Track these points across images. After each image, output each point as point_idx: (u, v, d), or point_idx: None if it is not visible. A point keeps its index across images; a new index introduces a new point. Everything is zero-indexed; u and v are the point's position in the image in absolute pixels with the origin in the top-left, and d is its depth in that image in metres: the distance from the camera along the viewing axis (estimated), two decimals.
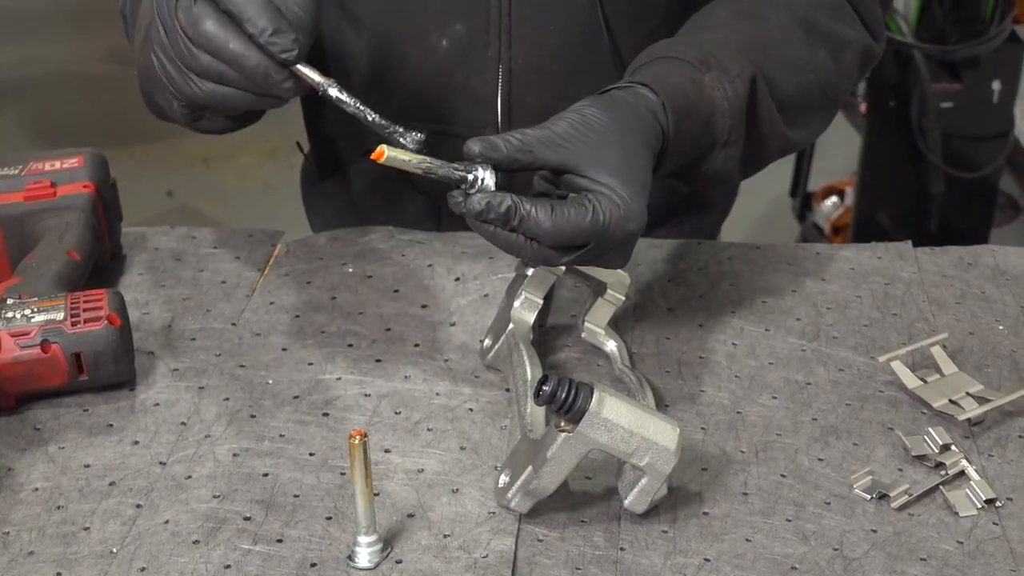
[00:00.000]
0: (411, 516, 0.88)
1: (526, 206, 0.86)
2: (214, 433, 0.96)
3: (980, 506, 0.89)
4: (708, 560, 0.85)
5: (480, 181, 0.87)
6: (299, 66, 0.90)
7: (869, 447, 0.95)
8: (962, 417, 0.97)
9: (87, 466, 0.93)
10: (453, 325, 1.09)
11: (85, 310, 0.98)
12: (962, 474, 0.92)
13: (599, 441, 0.83)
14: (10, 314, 0.98)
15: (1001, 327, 1.10)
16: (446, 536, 0.86)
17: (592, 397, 0.82)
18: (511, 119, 1.20)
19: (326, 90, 0.91)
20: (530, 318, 1.01)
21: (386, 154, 0.86)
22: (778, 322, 1.10)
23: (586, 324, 1.05)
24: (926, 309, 1.12)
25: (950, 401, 0.99)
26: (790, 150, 1.11)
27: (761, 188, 3.18)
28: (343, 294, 1.12)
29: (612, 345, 1.04)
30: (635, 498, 0.86)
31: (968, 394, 1.00)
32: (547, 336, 1.08)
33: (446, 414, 0.98)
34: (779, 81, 1.04)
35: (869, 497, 0.90)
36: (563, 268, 1.00)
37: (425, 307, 1.11)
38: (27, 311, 0.98)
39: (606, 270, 1.02)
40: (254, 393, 1.00)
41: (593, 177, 0.88)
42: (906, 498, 0.90)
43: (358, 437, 0.80)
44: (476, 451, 0.94)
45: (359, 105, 0.91)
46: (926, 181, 2.65)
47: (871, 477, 0.92)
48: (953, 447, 0.94)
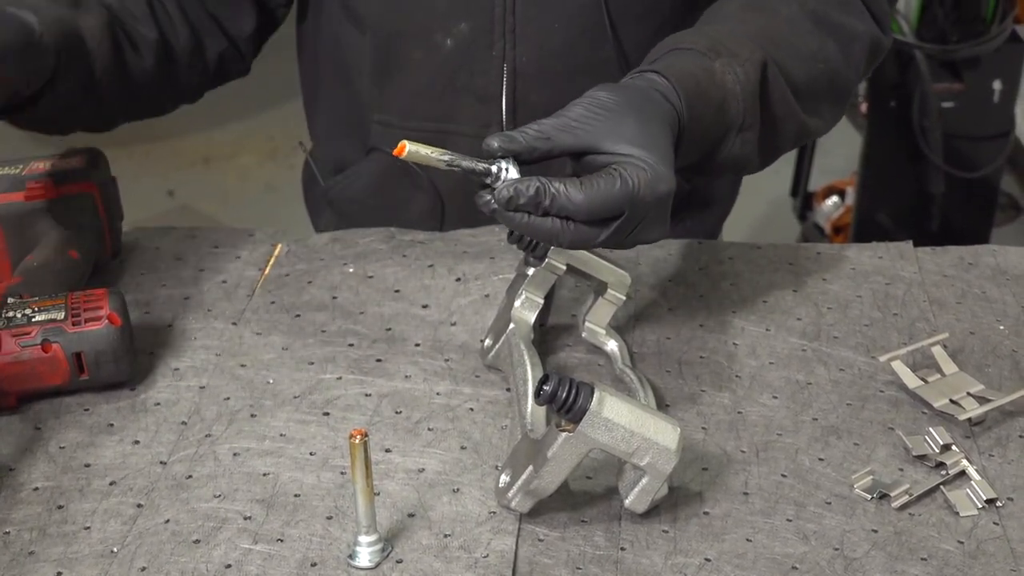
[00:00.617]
0: (412, 516, 0.88)
1: (555, 184, 0.85)
2: (215, 432, 0.96)
3: (981, 506, 0.89)
4: (709, 560, 0.85)
5: (504, 171, 0.87)
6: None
7: (870, 447, 0.95)
8: (963, 417, 0.97)
9: (88, 465, 0.93)
10: (454, 325, 1.09)
11: (86, 310, 0.98)
12: (963, 474, 0.92)
13: (600, 441, 0.83)
14: (11, 313, 0.98)
15: (1002, 327, 1.10)
16: (447, 536, 0.86)
17: (593, 397, 0.82)
18: (516, 118, 1.20)
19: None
20: (531, 318, 1.01)
21: (407, 149, 0.85)
22: (779, 322, 1.10)
23: (587, 324, 1.05)
24: (927, 309, 1.12)
25: (951, 401, 0.99)
26: (807, 136, 1.11)
27: (762, 188, 3.19)
28: (344, 294, 1.12)
29: (613, 345, 1.04)
30: (636, 498, 0.86)
31: (969, 394, 1.00)
32: (548, 336, 1.08)
33: (447, 414, 0.98)
34: (789, 71, 1.04)
35: (870, 497, 0.90)
36: (565, 266, 0.99)
37: (426, 307, 1.11)
38: (28, 311, 0.98)
39: (606, 269, 1.02)
40: (255, 392, 1.00)
41: (613, 151, 0.88)
42: (907, 498, 0.90)
43: (359, 437, 0.80)
44: (477, 451, 0.94)
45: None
46: (927, 181, 2.65)
47: (872, 477, 0.92)
48: (954, 447, 0.94)
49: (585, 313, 1.06)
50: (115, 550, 0.85)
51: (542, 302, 1.01)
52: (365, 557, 0.84)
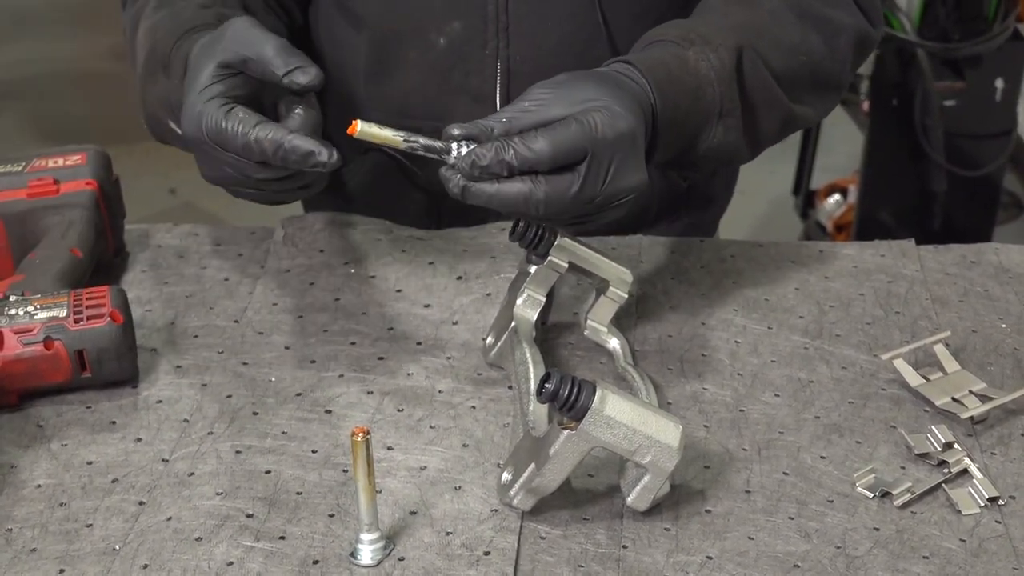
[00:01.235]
0: (413, 513, 0.88)
1: (513, 139, 0.88)
2: (217, 430, 0.96)
3: (983, 504, 0.89)
4: (710, 558, 0.85)
5: (463, 147, 0.89)
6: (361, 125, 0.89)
7: (872, 445, 0.95)
8: (965, 415, 0.97)
9: (90, 463, 0.93)
10: (455, 323, 1.09)
11: (88, 307, 0.98)
12: (965, 472, 0.92)
13: (601, 439, 0.83)
14: (13, 311, 0.98)
15: (1004, 325, 1.10)
16: (448, 533, 0.86)
17: (595, 395, 0.82)
18: None
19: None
20: (532, 316, 1.01)
21: (359, 128, 0.87)
22: (781, 320, 1.10)
23: (588, 322, 1.05)
24: (929, 307, 1.12)
25: (953, 399, 0.99)
26: (796, 125, 1.11)
27: (764, 186, 3.19)
28: (346, 295, 1.12)
29: (614, 343, 1.04)
30: (637, 496, 0.86)
31: (971, 392, 0.99)
32: (549, 334, 1.08)
33: (448, 411, 0.98)
34: (770, 61, 1.05)
35: (872, 495, 0.90)
36: (567, 264, 0.99)
37: (428, 306, 1.11)
38: (30, 308, 0.98)
39: (607, 266, 1.02)
40: (257, 390, 1.00)
41: (569, 113, 0.90)
42: (908, 496, 0.90)
43: (361, 434, 0.80)
44: (478, 448, 0.94)
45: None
46: (929, 179, 2.65)
47: (874, 475, 0.92)
48: (956, 445, 0.94)
49: (587, 311, 1.05)
50: (117, 548, 0.85)
51: (544, 300, 1.01)
52: (367, 555, 0.84)
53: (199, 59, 0.96)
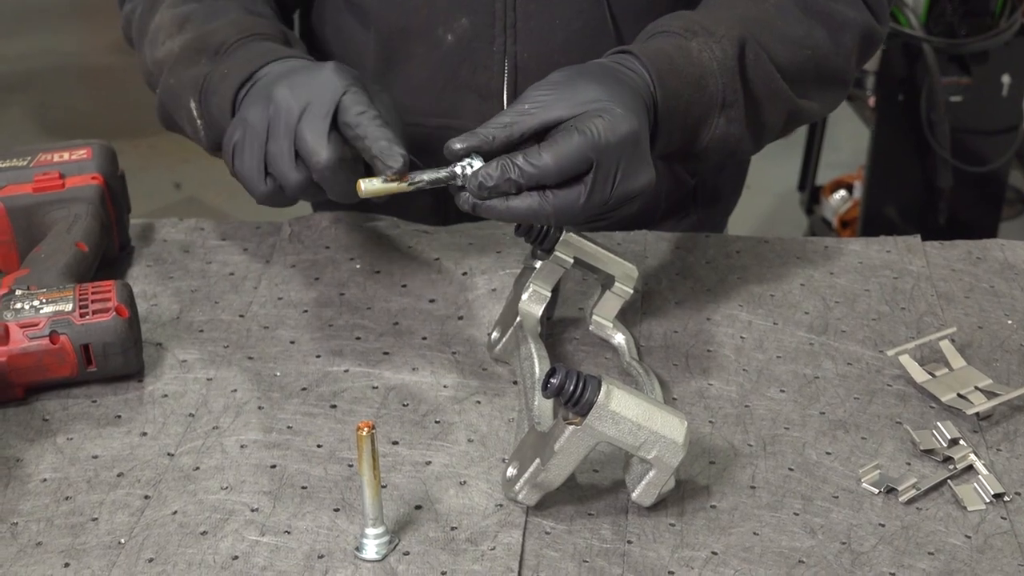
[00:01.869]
0: (418, 508, 0.88)
1: (516, 157, 0.88)
2: (222, 425, 0.96)
3: (988, 500, 0.89)
4: (715, 553, 0.85)
5: (468, 167, 0.90)
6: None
7: (877, 441, 0.95)
8: (971, 411, 0.97)
9: (95, 457, 0.93)
10: (461, 319, 1.09)
11: (93, 301, 0.98)
12: (970, 468, 0.92)
13: (607, 434, 0.83)
14: (19, 305, 0.98)
15: (1010, 321, 1.10)
16: (453, 528, 0.86)
17: (600, 390, 0.82)
18: None
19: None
20: (538, 311, 1.01)
21: (363, 188, 0.90)
22: (786, 316, 1.10)
23: (594, 317, 1.05)
24: (935, 303, 1.12)
25: (958, 395, 0.99)
26: (801, 119, 1.11)
27: (769, 182, 3.19)
28: (351, 290, 1.12)
29: (620, 338, 1.04)
30: (642, 491, 0.86)
31: (977, 388, 0.99)
32: (555, 329, 1.08)
33: (453, 406, 0.98)
34: (773, 54, 1.05)
35: (877, 491, 0.90)
36: (572, 259, 0.99)
37: (433, 301, 1.11)
38: (36, 302, 0.98)
39: (613, 262, 1.02)
40: (262, 385, 1.00)
41: (570, 115, 0.90)
42: (914, 492, 0.90)
43: (366, 429, 0.80)
44: (483, 443, 0.94)
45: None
46: (935, 175, 2.64)
47: (879, 471, 0.92)
48: (961, 441, 0.94)
49: (592, 306, 1.05)
50: (122, 541, 0.85)
51: (549, 295, 1.01)
52: (372, 549, 0.84)
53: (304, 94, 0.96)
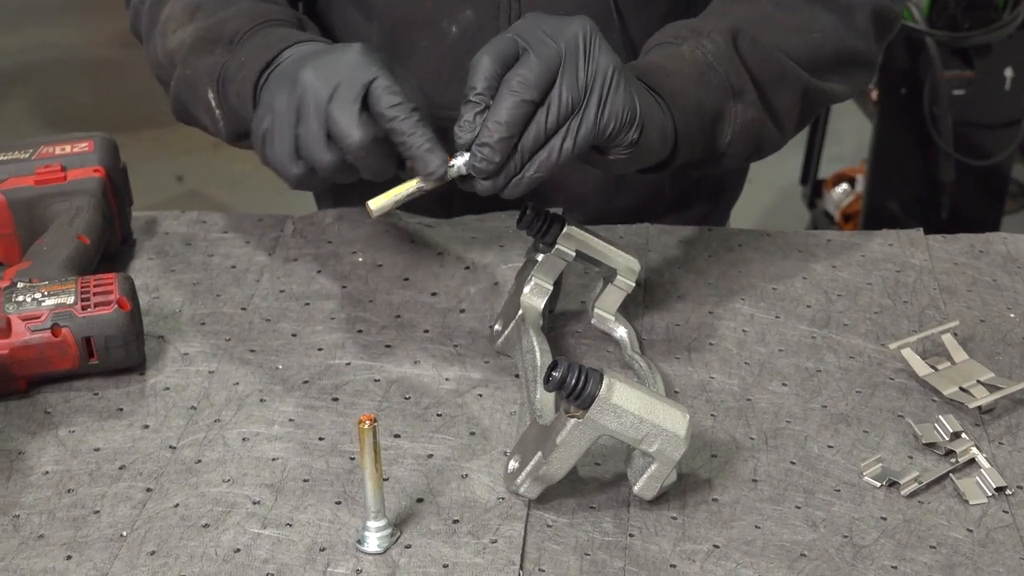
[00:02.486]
0: (420, 501, 0.88)
1: (495, 110, 0.90)
2: (224, 417, 0.96)
3: (990, 494, 0.89)
4: (717, 547, 0.85)
5: (460, 156, 0.90)
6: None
7: (879, 434, 0.95)
8: (973, 405, 0.97)
9: (97, 450, 0.93)
10: (463, 312, 1.09)
11: (95, 294, 0.98)
12: (972, 462, 0.92)
13: (608, 427, 0.83)
14: (21, 298, 0.98)
15: (1012, 315, 1.10)
16: (455, 521, 0.86)
17: (602, 383, 0.82)
18: None
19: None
20: (540, 304, 1.01)
21: (373, 208, 0.91)
22: (788, 309, 1.10)
23: (596, 310, 1.05)
24: (937, 297, 1.11)
25: (961, 389, 0.99)
26: (826, 100, 1.13)
27: (772, 175, 3.18)
28: (353, 283, 1.12)
29: (622, 331, 1.04)
30: (644, 484, 0.86)
31: (979, 382, 0.99)
32: (557, 322, 1.08)
33: (455, 399, 0.98)
34: (782, 44, 1.06)
35: (879, 484, 0.90)
36: (574, 253, 0.99)
37: (435, 294, 1.11)
38: (37, 295, 0.98)
39: (615, 255, 1.02)
40: (264, 378, 1.00)
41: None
42: (916, 486, 0.90)
43: (368, 422, 0.80)
44: (485, 436, 0.94)
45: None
46: (937, 168, 2.64)
47: (881, 465, 0.92)
48: (963, 435, 0.94)
49: (594, 299, 1.05)
50: (124, 534, 0.85)
51: (551, 288, 1.01)
52: (374, 542, 0.84)
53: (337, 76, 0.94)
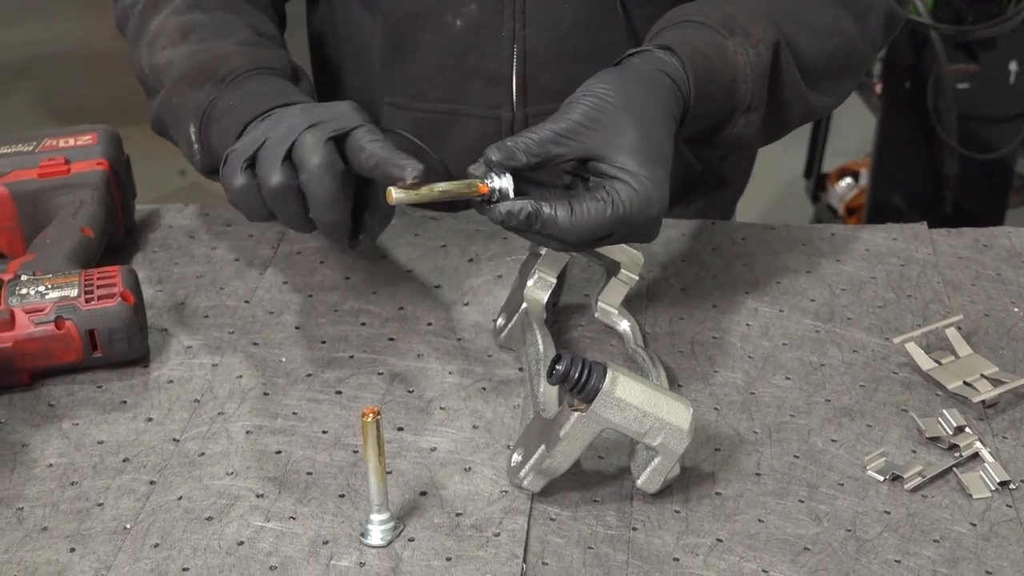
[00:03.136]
0: (423, 494, 0.88)
1: (545, 210, 0.86)
2: (227, 410, 0.96)
3: (994, 488, 0.89)
4: (720, 540, 0.85)
5: (498, 192, 0.87)
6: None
7: (883, 429, 0.95)
8: (976, 399, 0.97)
9: (101, 442, 0.93)
10: (466, 305, 1.09)
11: (99, 287, 0.98)
12: (976, 456, 0.92)
13: (612, 421, 0.83)
14: (24, 291, 0.98)
15: (1016, 309, 1.09)
16: (458, 514, 0.86)
17: (605, 376, 0.82)
18: (526, 99, 1.20)
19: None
20: (543, 297, 1.01)
21: (394, 196, 0.86)
22: (792, 303, 1.10)
23: (599, 304, 1.05)
24: (941, 291, 1.11)
25: (964, 383, 0.99)
26: (813, 117, 1.10)
27: (775, 169, 3.18)
28: (356, 274, 1.12)
29: (625, 325, 1.04)
30: (648, 478, 0.86)
31: (983, 376, 0.99)
32: (560, 315, 1.08)
33: (459, 393, 0.98)
34: (804, 47, 1.04)
35: (882, 478, 0.90)
36: None
37: (438, 287, 1.11)
38: (41, 288, 0.98)
39: (618, 249, 1.02)
40: (267, 371, 1.01)
41: (612, 163, 0.88)
42: (919, 480, 0.89)
43: (371, 415, 0.80)
44: (489, 430, 0.94)
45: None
46: (941, 162, 2.64)
47: (884, 459, 0.91)
48: (967, 429, 0.94)
49: (598, 293, 1.05)
50: (128, 527, 0.85)
51: (555, 282, 1.01)
52: (377, 535, 0.84)
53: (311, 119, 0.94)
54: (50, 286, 0.98)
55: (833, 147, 3.13)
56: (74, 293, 0.98)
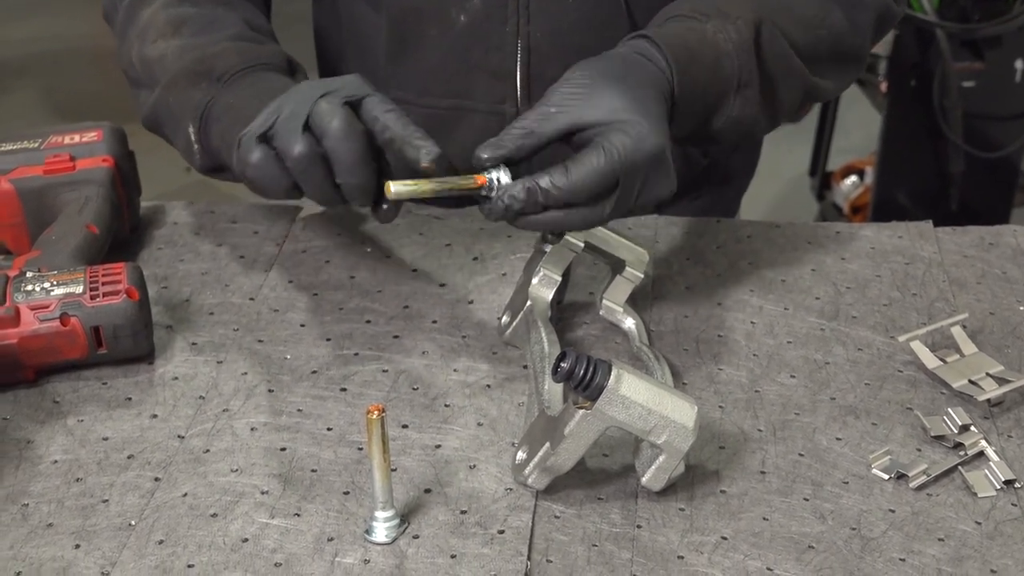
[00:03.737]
0: (428, 492, 0.88)
1: (542, 180, 0.88)
2: (232, 407, 0.96)
3: (999, 487, 0.89)
4: (725, 538, 0.85)
5: (496, 181, 0.89)
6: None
7: (888, 427, 0.95)
8: (982, 398, 0.96)
9: (106, 439, 0.93)
10: (471, 303, 1.09)
11: (104, 284, 0.98)
12: (981, 455, 0.92)
13: (617, 418, 0.83)
14: (30, 287, 0.98)
15: (1022, 307, 1.09)
16: (463, 512, 0.86)
17: (610, 374, 0.82)
18: (530, 94, 1.20)
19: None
20: (548, 295, 1.01)
21: (392, 189, 0.88)
22: (797, 301, 1.09)
23: (604, 301, 1.05)
24: (946, 289, 1.11)
25: (970, 381, 0.98)
26: (816, 97, 1.12)
27: (780, 167, 3.18)
28: (362, 273, 1.12)
29: (630, 322, 1.04)
30: (652, 476, 0.86)
31: (988, 375, 0.99)
32: (565, 313, 1.08)
33: (463, 390, 0.98)
34: (792, 35, 1.05)
35: (887, 477, 0.90)
36: (582, 244, 0.99)
37: (443, 285, 1.11)
38: (46, 284, 0.98)
39: (624, 246, 1.02)
40: (272, 368, 1.01)
41: (595, 121, 0.90)
42: (924, 478, 0.89)
43: (376, 412, 0.80)
44: (493, 427, 0.94)
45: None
46: (946, 160, 2.63)
47: (889, 457, 0.91)
48: (972, 428, 0.94)
49: (603, 291, 1.05)
50: (133, 523, 0.85)
51: (560, 279, 1.01)
52: (382, 532, 0.84)
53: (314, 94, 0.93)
54: (55, 283, 0.98)
55: (838, 145, 3.13)
56: (79, 290, 0.98)
